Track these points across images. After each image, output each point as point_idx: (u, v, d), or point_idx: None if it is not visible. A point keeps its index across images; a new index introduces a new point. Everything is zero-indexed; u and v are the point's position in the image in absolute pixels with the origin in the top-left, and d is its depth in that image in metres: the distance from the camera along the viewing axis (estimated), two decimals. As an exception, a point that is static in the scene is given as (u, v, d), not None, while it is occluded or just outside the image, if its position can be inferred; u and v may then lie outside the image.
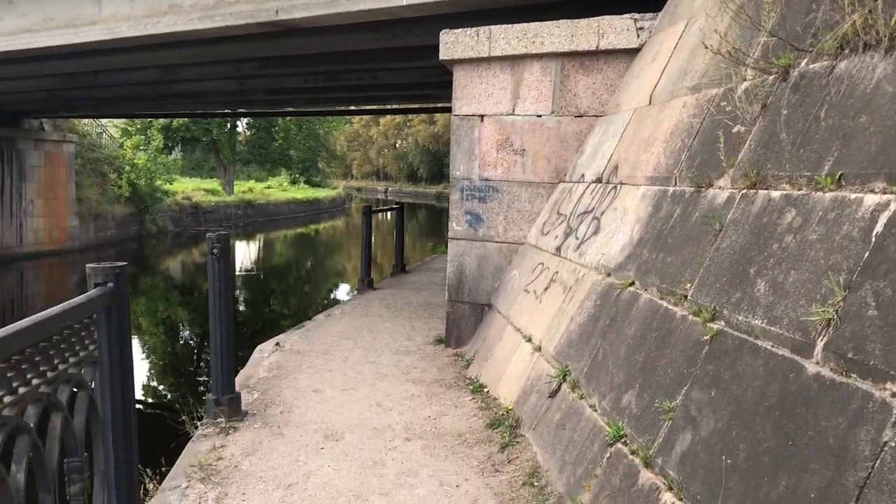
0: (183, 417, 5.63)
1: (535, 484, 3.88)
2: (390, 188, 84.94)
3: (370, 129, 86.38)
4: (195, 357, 13.73)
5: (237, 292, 19.09)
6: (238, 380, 5.78)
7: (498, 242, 6.84)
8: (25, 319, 2.24)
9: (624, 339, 3.80)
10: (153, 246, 28.46)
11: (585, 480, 3.47)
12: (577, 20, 6.34)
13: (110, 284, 2.78)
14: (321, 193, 53.75)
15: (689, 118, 4.28)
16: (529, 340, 5.24)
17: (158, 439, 7.02)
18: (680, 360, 3.15)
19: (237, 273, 22.16)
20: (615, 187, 5.05)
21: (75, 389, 2.60)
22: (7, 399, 2.08)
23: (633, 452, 3.18)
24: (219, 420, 5.07)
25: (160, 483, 4.52)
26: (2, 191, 21.67)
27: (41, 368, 2.31)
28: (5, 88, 16.19)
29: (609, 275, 4.41)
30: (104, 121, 30.97)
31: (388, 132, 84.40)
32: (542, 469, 4.02)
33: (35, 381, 2.26)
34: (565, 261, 5.33)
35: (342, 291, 20.78)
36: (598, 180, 5.45)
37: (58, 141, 23.74)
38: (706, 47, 3.96)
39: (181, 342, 15.29)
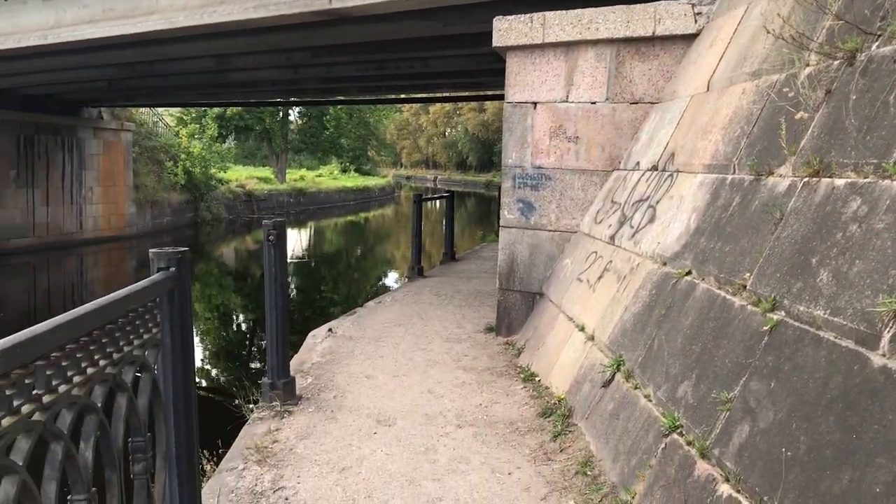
0: (237, 401, 5.74)
1: (588, 473, 3.87)
2: (439, 176, 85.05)
3: (420, 118, 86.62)
4: (248, 342, 13.97)
5: (289, 279, 19.32)
6: (292, 364, 5.87)
7: (550, 231, 6.80)
8: (93, 302, 2.30)
9: (680, 329, 3.75)
10: (207, 233, 28.99)
11: (640, 470, 3.44)
12: (632, 5, 6.25)
13: (173, 269, 2.84)
14: (371, 182, 54.05)
15: (749, 105, 4.19)
16: (582, 330, 5.21)
17: (213, 421, 7.18)
18: (738, 351, 3.10)
19: (288, 260, 22.42)
20: (671, 175, 4.98)
21: (139, 371, 2.68)
22: (76, 379, 2.14)
23: (688, 443, 3.15)
24: (274, 403, 5.16)
25: (217, 464, 4.63)
26: (63, 178, 22.25)
27: (108, 350, 2.38)
28: (67, 78, 16.60)
29: (665, 264, 4.35)
30: (160, 109, 31.56)
31: (437, 120, 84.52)
32: (595, 458, 4.00)
33: (102, 363, 2.33)
34: (619, 249, 5.28)
35: (391, 279, 20.90)
36: (654, 168, 5.38)
37: (116, 129, 24.28)
38: (768, 31, 3.87)
39: (234, 327, 15.57)
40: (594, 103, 6.51)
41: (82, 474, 2.14)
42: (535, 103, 6.76)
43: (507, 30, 6.76)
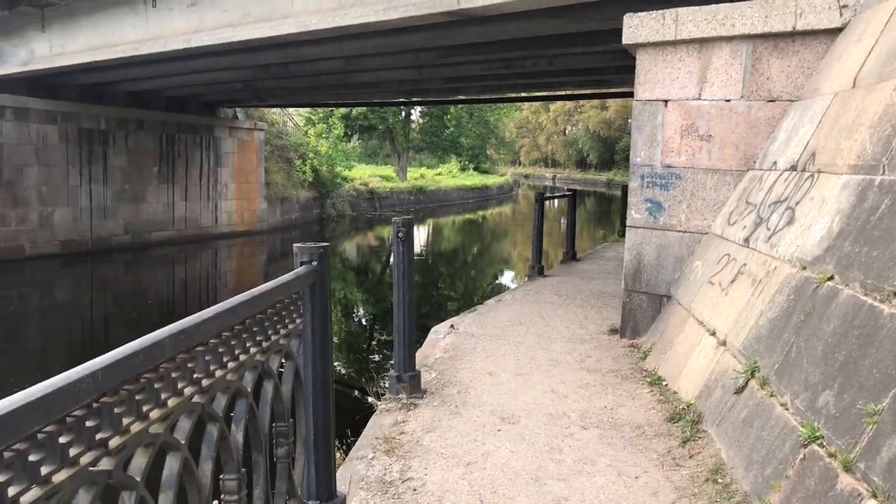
0: (356, 392, 5.89)
1: (719, 481, 3.77)
2: (558, 175, 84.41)
3: (540, 116, 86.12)
4: (369, 335, 14.31)
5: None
6: (416, 358, 5.98)
7: (679, 231, 6.64)
8: (245, 293, 2.44)
9: (821, 336, 3.59)
10: (332, 229, 29.85)
11: (775, 481, 3.33)
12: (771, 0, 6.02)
13: (315, 263, 2.96)
14: (489, 180, 54.22)
15: (902, 102, 3.96)
16: (713, 334, 5.07)
17: (338, 410, 7.40)
18: (887, 361, 2.94)
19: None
20: (812, 176, 4.77)
21: (283, 360, 2.81)
22: (230, 365, 2.28)
23: (830, 455, 3.02)
24: (400, 396, 5.28)
25: (346, 452, 4.79)
26: (200, 175, 23.44)
27: (258, 338, 2.51)
28: (206, 80, 17.49)
29: (804, 268, 4.18)
30: (290, 110, 32.77)
31: (557, 118, 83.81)
32: (725, 466, 3.90)
33: (252, 350, 2.46)
34: (754, 252, 5.10)
35: (507, 278, 20.91)
36: (793, 168, 5.16)
37: (250, 129, 25.36)
38: (926, 24, 3.65)
39: (357, 320, 15.97)
40: (728, 101, 6.31)
41: (234, 455, 2.28)
42: (665, 101, 6.61)
43: (637, 27, 6.64)
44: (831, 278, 3.81)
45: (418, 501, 3.72)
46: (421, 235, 31.46)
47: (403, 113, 44.11)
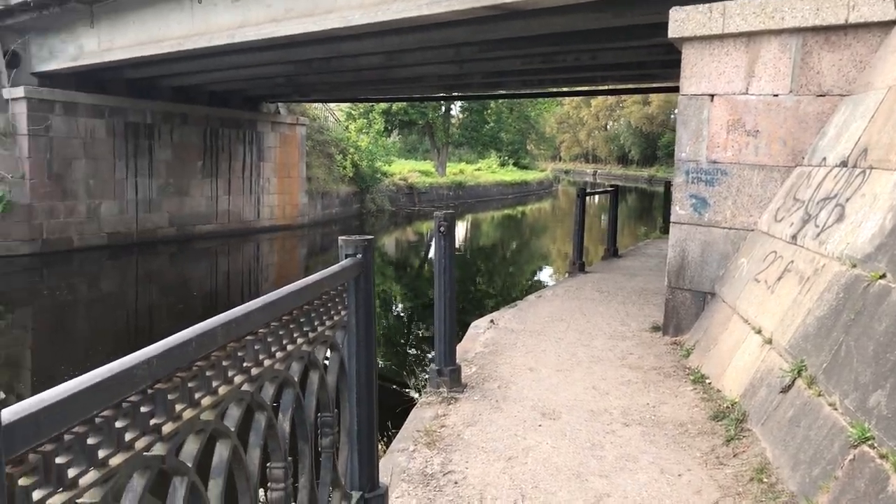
0: (394, 386, 5.91)
1: (765, 480, 3.71)
2: (599, 171, 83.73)
3: (581, 111, 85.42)
4: (407, 329, 14.34)
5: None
6: (456, 353, 5.98)
7: (724, 228, 6.54)
8: (293, 284, 2.47)
9: (872, 335, 3.52)
10: (372, 223, 29.97)
11: (823, 482, 3.27)
12: (822, -8, 5.89)
13: (359, 255, 2.99)
14: (529, 176, 53.96)
15: (959, 96, 3.85)
16: (759, 332, 4.99)
17: (379, 403, 7.44)
18: (942, 362, 2.87)
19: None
20: (863, 172, 4.66)
21: (328, 351, 2.84)
22: (279, 355, 2.31)
23: (881, 456, 2.95)
24: (441, 390, 5.30)
25: (387, 444, 4.82)
26: (243, 169, 23.68)
27: (304, 329, 2.54)
28: (249, 75, 17.67)
29: (854, 266, 4.09)
30: (331, 105, 32.97)
31: (599, 113, 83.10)
32: (771, 466, 3.84)
33: (299, 341, 2.49)
34: (802, 249, 5.01)
35: (547, 274, 20.79)
36: (843, 164, 5.05)
37: (291, 123, 25.54)
38: None
39: (395, 315, 16.02)
40: (776, 95, 6.19)
41: (280, 444, 2.31)
42: (711, 95, 6.51)
43: (684, 20, 6.55)
44: (883, 276, 3.73)
45: (459, 494, 3.73)
46: (460, 231, 31.40)
47: (443, 108, 44.08)
